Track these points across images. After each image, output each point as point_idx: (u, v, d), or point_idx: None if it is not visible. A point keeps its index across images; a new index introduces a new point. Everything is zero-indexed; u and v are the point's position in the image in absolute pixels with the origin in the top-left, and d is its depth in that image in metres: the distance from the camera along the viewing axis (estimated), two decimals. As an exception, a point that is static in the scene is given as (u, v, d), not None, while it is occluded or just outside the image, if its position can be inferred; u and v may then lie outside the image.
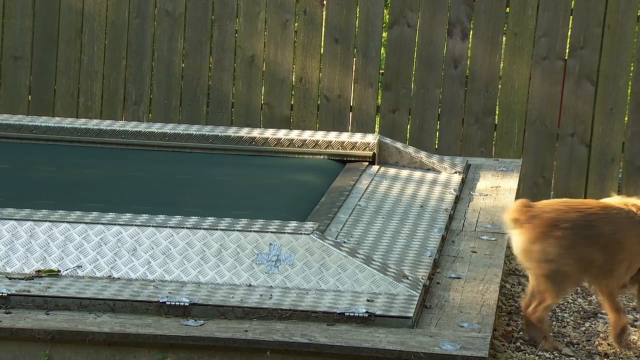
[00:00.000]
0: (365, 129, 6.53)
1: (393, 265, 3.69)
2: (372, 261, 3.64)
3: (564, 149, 6.48)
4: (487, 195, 4.77)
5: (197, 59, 6.76)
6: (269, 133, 5.22)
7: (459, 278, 3.77)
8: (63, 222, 3.70)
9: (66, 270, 3.57)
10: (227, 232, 3.66)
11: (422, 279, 3.61)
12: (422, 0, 6.53)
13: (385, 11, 6.75)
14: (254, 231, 3.65)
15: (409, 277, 3.59)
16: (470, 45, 6.53)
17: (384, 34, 6.78)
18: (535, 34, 6.44)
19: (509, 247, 4.71)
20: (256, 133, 5.22)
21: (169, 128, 5.28)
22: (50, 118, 5.48)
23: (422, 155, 5.12)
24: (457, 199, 4.66)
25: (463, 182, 4.94)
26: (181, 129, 5.27)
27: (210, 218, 3.78)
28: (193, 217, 3.77)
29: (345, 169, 4.99)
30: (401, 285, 3.50)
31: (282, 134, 5.21)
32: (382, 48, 6.75)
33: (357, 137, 5.19)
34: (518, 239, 3.65)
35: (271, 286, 3.52)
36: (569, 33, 6.45)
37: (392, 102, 6.62)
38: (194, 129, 5.26)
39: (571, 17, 6.44)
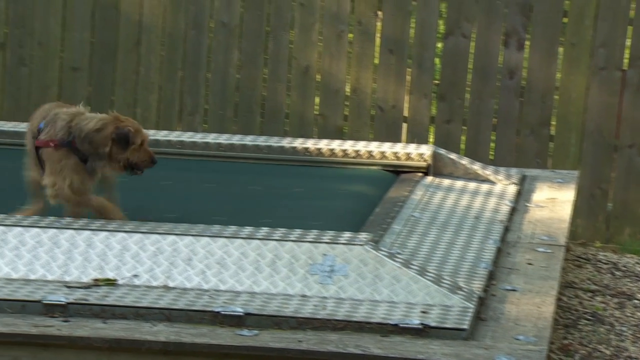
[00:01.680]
0: (419, 140, 6.51)
1: (447, 276, 3.67)
2: (427, 272, 3.62)
3: (622, 161, 6.40)
4: (543, 207, 4.72)
5: (251, 70, 6.80)
6: (323, 144, 5.23)
7: (514, 290, 3.73)
8: (120, 231, 3.74)
9: (123, 279, 3.61)
10: (281, 242, 3.66)
11: (476, 290, 3.59)
12: (477, 11, 6.50)
13: (440, 22, 6.73)
14: (308, 242, 3.65)
15: (464, 289, 3.56)
16: (526, 55, 6.48)
17: (439, 45, 6.76)
18: (593, 44, 6.37)
19: (565, 260, 4.66)
20: (310, 144, 5.23)
21: (223, 138, 5.31)
22: (107, 128, 5.53)
23: (477, 167, 5.08)
24: (513, 211, 4.62)
25: (519, 193, 4.89)
26: (236, 139, 5.29)
27: (264, 228, 3.79)
28: (247, 227, 3.79)
29: (399, 180, 4.98)
30: (456, 297, 3.48)
31: (335, 144, 5.21)
32: (437, 58, 6.73)
33: (411, 148, 5.17)
34: None
35: (325, 297, 3.52)
36: (628, 43, 6.37)
37: (447, 112, 6.59)
38: (248, 139, 5.29)
39: (630, 27, 6.36)
